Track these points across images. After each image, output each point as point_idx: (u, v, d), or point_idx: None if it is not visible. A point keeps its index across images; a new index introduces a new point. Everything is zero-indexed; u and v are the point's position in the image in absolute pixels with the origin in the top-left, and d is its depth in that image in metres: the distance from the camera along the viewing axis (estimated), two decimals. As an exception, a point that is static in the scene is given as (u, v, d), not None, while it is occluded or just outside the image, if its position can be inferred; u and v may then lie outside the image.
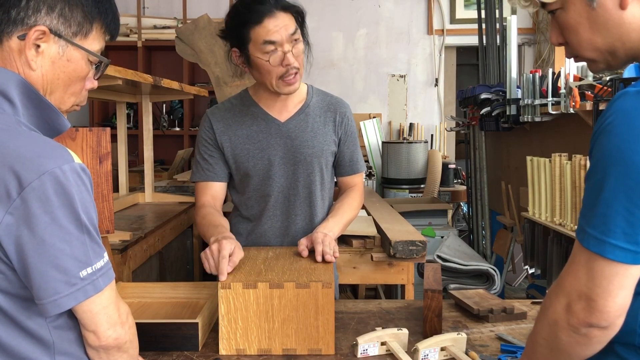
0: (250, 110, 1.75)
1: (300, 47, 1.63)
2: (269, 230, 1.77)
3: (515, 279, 4.68)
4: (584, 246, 0.87)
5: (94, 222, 0.95)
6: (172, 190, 4.12)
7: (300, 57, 1.63)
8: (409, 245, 2.28)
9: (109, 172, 1.74)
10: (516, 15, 4.23)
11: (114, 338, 0.98)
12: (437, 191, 4.31)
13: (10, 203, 0.87)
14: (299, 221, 1.77)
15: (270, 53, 1.59)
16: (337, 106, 1.80)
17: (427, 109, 5.56)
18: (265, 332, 1.35)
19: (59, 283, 0.90)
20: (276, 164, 1.72)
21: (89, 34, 1.04)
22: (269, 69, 1.61)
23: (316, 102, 1.79)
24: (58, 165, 0.90)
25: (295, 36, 1.61)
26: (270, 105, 1.74)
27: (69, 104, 1.07)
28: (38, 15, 0.98)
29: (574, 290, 0.88)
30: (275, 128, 1.73)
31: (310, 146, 1.74)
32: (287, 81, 1.63)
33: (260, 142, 1.72)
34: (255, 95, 1.77)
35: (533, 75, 2.81)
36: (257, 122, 1.74)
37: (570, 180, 2.34)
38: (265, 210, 1.76)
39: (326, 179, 1.80)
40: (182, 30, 4.00)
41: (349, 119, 1.81)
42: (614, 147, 0.84)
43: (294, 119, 1.75)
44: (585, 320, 0.87)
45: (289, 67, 1.60)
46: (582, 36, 0.96)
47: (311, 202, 1.77)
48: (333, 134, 1.78)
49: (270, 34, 1.57)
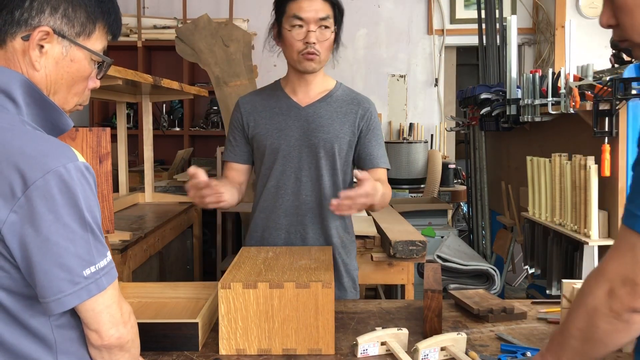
0: (276, 94, 1.88)
1: (326, 34, 1.75)
2: (280, 207, 1.85)
3: (515, 279, 4.68)
4: (636, 230, 0.86)
5: (98, 221, 0.96)
6: (172, 190, 4.12)
7: (323, 43, 1.75)
8: (409, 245, 2.28)
9: (109, 172, 1.74)
10: (516, 15, 4.24)
11: (117, 337, 0.98)
12: (437, 191, 4.31)
13: (15, 201, 0.88)
14: (309, 202, 1.84)
15: (296, 27, 1.73)
16: (362, 101, 1.89)
17: (427, 109, 5.56)
18: (265, 332, 1.35)
19: (62, 282, 0.90)
20: (290, 145, 1.82)
21: (92, 34, 1.05)
22: (292, 41, 1.74)
23: (341, 95, 1.88)
24: (62, 164, 0.90)
25: (325, 23, 1.74)
26: (294, 90, 1.86)
27: (72, 103, 1.07)
28: (42, 16, 0.99)
29: (617, 276, 0.87)
30: (295, 111, 1.84)
31: (325, 132, 1.82)
32: (305, 56, 1.74)
33: (279, 123, 1.83)
34: (283, 82, 1.90)
35: (533, 75, 2.81)
36: (279, 104, 1.85)
37: (570, 180, 2.34)
38: (277, 187, 1.84)
39: (338, 167, 1.84)
40: (182, 30, 4.00)
41: (373, 114, 1.89)
42: None
43: (314, 105, 1.84)
44: (629, 305, 0.86)
45: (308, 44, 1.72)
46: (637, 20, 0.93)
47: (320, 186, 1.83)
48: (352, 125, 1.85)
49: (301, 11, 1.72)
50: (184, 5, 5.17)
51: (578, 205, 2.28)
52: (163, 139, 5.26)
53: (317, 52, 1.74)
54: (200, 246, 3.59)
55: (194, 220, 3.41)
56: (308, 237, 1.85)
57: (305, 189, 1.84)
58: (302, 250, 1.68)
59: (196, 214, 3.45)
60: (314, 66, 1.77)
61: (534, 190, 2.68)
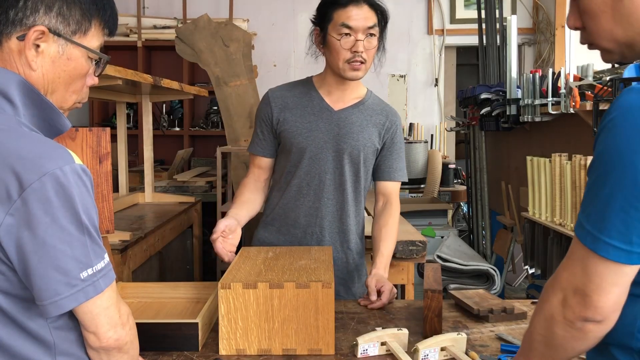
0: (309, 93, 1.86)
1: (373, 43, 1.76)
2: (300, 206, 1.85)
3: (515, 279, 4.68)
4: (582, 242, 0.87)
5: (95, 223, 0.95)
6: (172, 190, 4.12)
7: (370, 51, 1.76)
8: (409, 245, 2.28)
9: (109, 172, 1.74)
10: (516, 15, 4.24)
11: (115, 339, 0.98)
12: (437, 191, 4.31)
13: (11, 204, 0.87)
14: (330, 205, 1.85)
15: (344, 36, 1.72)
16: (390, 113, 1.91)
17: (427, 109, 5.56)
18: (265, 332, 1.35)
19: (59, 284, 0.90)
20: (318, 147, 1.82)
21: (88, 32, 1.04)
22: (339, 50, 1.73)
23: (371, 104, 1.89)
24: (59, 166, 0.90)
25: (372, 31, 1.74)
26: (328, 93, 1.85)
27: (70, 102, 1.07)
28: (36, 15, 0.98)
29: (569, 285, 0.88)
30: (327, 114, 1.83)
31: (354, 139, 1.83)
32: (353, 66, 1.74)
33: (310, 123, 1.82)
34: (317, 82, 1.88)
35: (533, 75, 2.81)
36: (312, 104, 1.84)
37: (570, 180, 2.34)
38: (300, 186, 1.84)
39: (361, 174, 1.86)
40: (182, 30, 4.00)
41: (398, 128, 1.92)
42: (614, 146, 0.83)
43: (346, 110, 1.85)
44: (580, 315, 0.87)
45: (356, 53, 1.72)
46: (602, 25, 0.93)
47: (343, 191, 1.85)
48: (378, 136, 1.87)
49: (350, 19, 1.71)
50: (184, 5, 5.17)
51: (578, 205, 2.28)
52: (163, 139, 5.26)
53: (363, 60, 1.74)
54: (200, 246, 3.59)
55: (194, 220, 3.41)
56: (325, 239, 1.85)
57: (327, 192, 1.84)
58: (302, 250, 1.68)
59: (196, 214, 3.45)
60: (360, 75, 1.78)
61: (534, 190, 2.68)
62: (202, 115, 5.50)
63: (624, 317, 0.89)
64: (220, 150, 3.97)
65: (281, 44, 5.42)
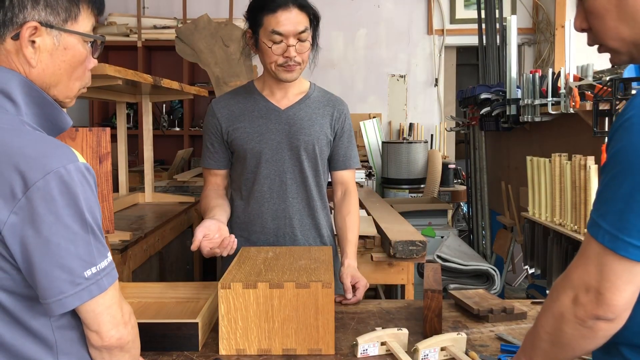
0: (253, 97, 1.85)
1: (306, 45, 1.73)
2: (267, 211, 1.85)
3: (515, 279, 4.68)
4: (598, 241, 0.87)
5: (98, 222, 0.95)
6: (172, 190, 4.12)
7: (304, 53, 1.74)
8: (409, 245, 2.28)
9: (109, 172, 1.74)
10: (516, 15, 4.24)
11: (117, 338, 0.98)
12: (437, 191, 4.31)
13: (15, 203, 0.87)
14: (295, 204, 1.85)
15: (275, 43, 1.70)
16: (336, 103, 1.91)
17: (427, 109, 5.56)
18: (265, 332, 1.35)
19: (63, 283, 0.90)
20: (273, 148, 1.81)
21: (78, 17, 1.03)
22: (271, 55, 1.72)
23: (316, 97, 1.89)
24: (63, 164, 0.90)
25: (303, 35, 1.71)
26: (272, 93, 1.84)
27: (75, 89, 1.06)
28: (25, 12, 0.97)
29: (582, 283, 0.88)
30: (275, 115, 1.82)
31: (307, 133, 1.82)
32: (286, 68, 1.73)
33: (260, 126, 1.81)
34: (259, 85, 1.87)
35: (533, 75, 2.81)
36: (258, 107, 1.83)
37: (570, 180, 2.34)
38: (262, 191, 1.84)
39: (320, 167, 1.87)
40: (182, 30, 4.00)
41: (346, 116, 1.91)
42: (631, 145, 0.84)
43: (293, 107, 1.84)
44: (592, 313, 0.87)
45: (288, 58, 1.71)
46: (608, 24, 0.93)
47: (306, 187, 1.86)
48: (329, 127, 1.87)
49: (280, 26, 1.68)
50: (184, 5, 5.17)
51: (578, 205, 2.28)
52: (163, 139, 5.26)
53: (297, 63, 1.73)
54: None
55: (194, 220, 3.41)
56: (297, 238, 1.86)
57: (291, 192, 1.84)
58: (302, 250, 1.68)
59: (196, 214, 3.44)
60: (295, 76, 1.76)
61: (534, 190, 2.68)
62: (202, 115, 5.50)
63: (635, 316, 0.89)
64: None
65: (281, 44, 5.41)
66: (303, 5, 1.71)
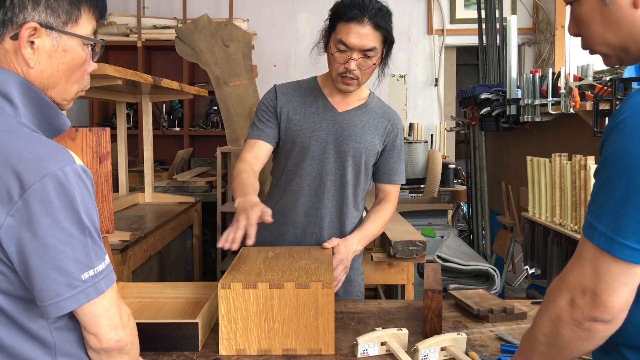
0: (314, 93, 1.86)
1: (369, 63, 1.72)
2: (301, 206, 1.85)
3: (515, 279, 4.68)
4: (594, 243, 0.87)
5: (96, 224, 0.95)
6: (172, 190, 4.12)
7: (365, 70, 1.73)
8: (409, 245, 2.28)
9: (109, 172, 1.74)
10: (516, 15, 4.24)
11: (115, 340, 0.98)
12: (437, 191, 4.31)
13: (12, 205, 0.87)
14: (329, 206, 1.85)
15: (340, 51, 1.70)
16: (392, 117, 1.90)
17: (427, 109, 5.56)
18: (265, 332, 1.35)
19: (60, 285, 0.89)
20: (321, 147, 1.81)
21: (79, 19, 1.02)
22: (333, 62, 1.74)
23: (374, 107, 1.89)
24: (60, 167, 0.90)
25: (370, 53, 1.70)
26: (332, 95, 1.85)
27: (72, 92, 1.06)
28: (25, 12, 0.96)
29: (578, 285, 0.88)
30: (331, 115, 1.83)
31: (357, 141, 1.83)
32: (344, 80, 1.74)
33: (314, 123, 1.82)
34: (322, 82, 1.88)
35: (533, 75, 2.81)
36: (317, 105, 1.84)
37: (570, 180, 2.34)
38: (301, 186, 1.84)
39: (362, 176, 1.87)
40: (182, 30, 4.00)
41: (399, 131, 1.91)
42: (626, 147, 0.84)
43: (350, 112, 1.85)
44: (589, 314, 0.87)
45: (348, 71, 1.71)
46: (594, 31, 0.96)
47: (343, 192, 1.85)
48: (380, 139, 1.87)
49: (348, 37, 1.68)
50: (184, 5, 5.17)
51: (578, 205, 2.28)
52: (163, 139, 5.26)
53: (355, 77, 1.72)
54: (200, 246, 3.59)
55: (194, 220, 3.41)
56: (324, 240, 1.83)
57: (328, 193, 1.84)
58: (302, 250, 1.68)
59: (196, 214, 3.45)
60: (350, 89, 1.77)
61: (534, 190, 2.68)
62: (202, 115, 5.50)
63: (635, 318, 0.89)
64: (220, 150, 3.97)
65: (281, 44, 5.42)
66: (379, 25, 1.68)
